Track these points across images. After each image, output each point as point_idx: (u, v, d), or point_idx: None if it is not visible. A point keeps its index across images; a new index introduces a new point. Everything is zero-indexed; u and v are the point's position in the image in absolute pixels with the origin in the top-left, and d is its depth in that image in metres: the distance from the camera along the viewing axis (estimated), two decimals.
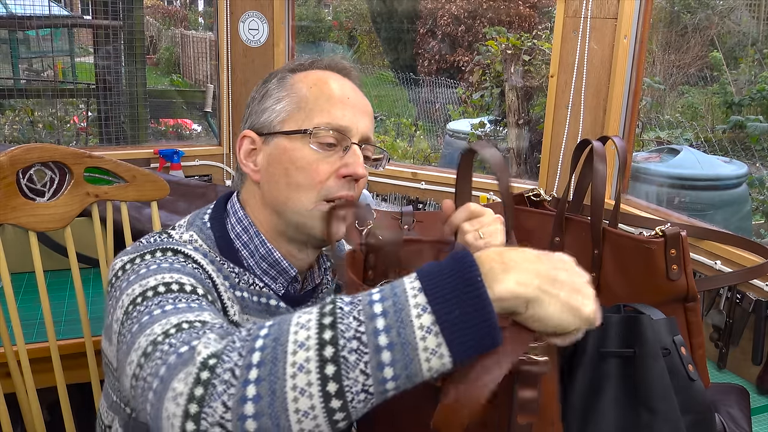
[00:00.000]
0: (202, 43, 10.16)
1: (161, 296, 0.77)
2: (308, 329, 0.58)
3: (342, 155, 0.93)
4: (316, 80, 0.97)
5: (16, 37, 6.49)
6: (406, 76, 9.71)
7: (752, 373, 1.46)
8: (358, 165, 0.93)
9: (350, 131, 0.94)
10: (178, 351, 0.63)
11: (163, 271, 0.82)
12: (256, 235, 0.96)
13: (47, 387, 1.31)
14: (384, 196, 2.19)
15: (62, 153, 1.29)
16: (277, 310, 0.97)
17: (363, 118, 0.96)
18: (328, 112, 0.93)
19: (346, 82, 0.99)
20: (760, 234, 4.33)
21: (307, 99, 0.95)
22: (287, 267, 0.97)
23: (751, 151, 5.65)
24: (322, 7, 12.87)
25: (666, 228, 1.00)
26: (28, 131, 5.13)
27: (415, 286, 0.59)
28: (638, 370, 0.85)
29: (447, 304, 0.57)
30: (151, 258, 0.86)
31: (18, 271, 1.59)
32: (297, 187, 0.92)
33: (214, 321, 0.72)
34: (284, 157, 0.93)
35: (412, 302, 0.58)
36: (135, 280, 0.82)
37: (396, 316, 0.57)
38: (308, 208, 0.92)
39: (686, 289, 1.01)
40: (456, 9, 9.49)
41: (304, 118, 0.94)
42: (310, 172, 0.92)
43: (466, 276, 0.58)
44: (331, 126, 0.93)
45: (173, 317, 0.71)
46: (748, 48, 7.55)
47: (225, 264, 0.94)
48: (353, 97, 0.97)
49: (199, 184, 2.11)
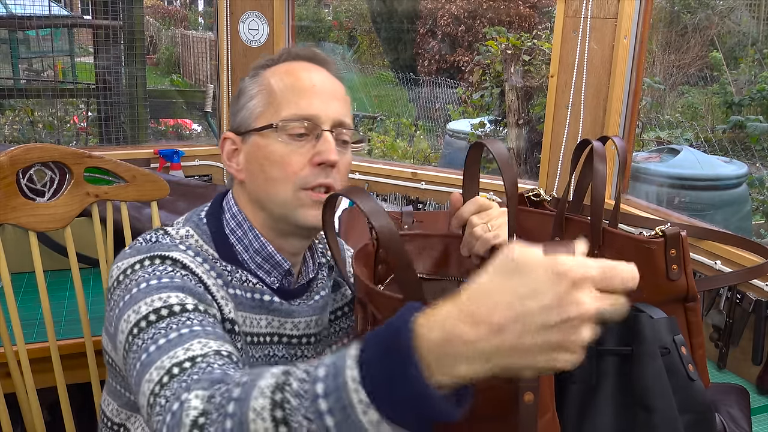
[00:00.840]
0: (202, 43, 10.16)
1: (153, 327, 0.80)
2: (264, 420, 0.59)
3: (315, 143, 0.94)
4: (283, 73, 0.98)
5: (16, 37, 6.49)
6: (406, 76, 9.71)
7: (752, 373, 1.46)
8: (330, 151, 0.93)
9: (319, 118, 0.94)
10: (171, 410, 0.67)
11: (152, 293, 0.84)
12: (250, 230, 0.98)
13: (47, 387, 1.31)
14: (384, 196, 2.19)
15: (62, 153, 1.29)
16: (271, 305, 0.97)
17: (333, 103, 0.97)
18: (294, 103, 0.94)
19: (315, 69, 0.99)
20: (760, 234, 4.33)
21: (275, 93, 0.96)
22: (281, 260, 0.98)
23: (751, 151, 5.66)
24: (322, 7, 12.87)
25: (666, 228, 1.00)
26: (28, 131, 5.13)
27: (356, 378, 0.55)
28: (636, 368, 0.85)
29: (390, 403, 0.54)
30: (144, 269, 0.88)
31: (18, 271, 1.59)
32: (273, 181, 0.94)
33: (202, 350, 0.75)
34: (259, 154, 0.95)
35: (355, 398, 0.54)
36: (129, 303, 0.84)
37: (343, 415, 0.55)
38: (287, 200, 0.94)
39: (686, 289, 1.01)
40: (456, 9, 9.49)
41: (273, 112, 0.95)
42: (283, 165, 0.93)
43: (402, 372, 0.53)
44: (299, 116, 0.94)
45: (166, 359, 0.74)
46: (748, 48, 7.55)
47: (218, 262, 0.95)
48: (320, 84, 0.97)
49: (199, 184, 2.11)
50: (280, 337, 0.99)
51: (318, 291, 1.05)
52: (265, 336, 0.98)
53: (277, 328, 0.99)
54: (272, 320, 0.98)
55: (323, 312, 1.05)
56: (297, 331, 1.01)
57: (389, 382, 0.53)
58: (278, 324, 0.99)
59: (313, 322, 1.03)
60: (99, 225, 1.35)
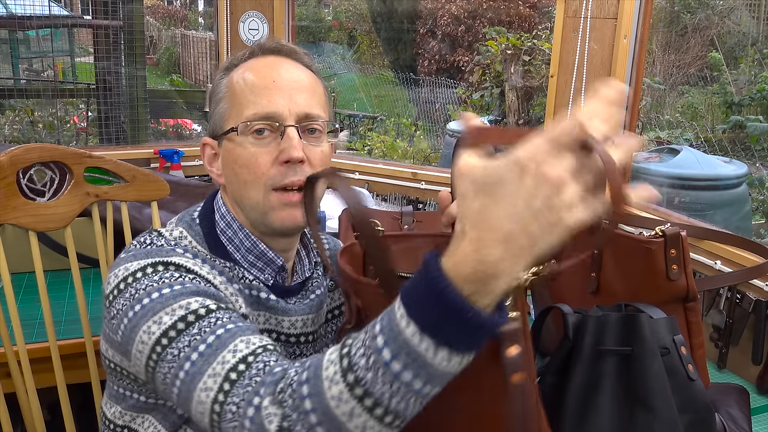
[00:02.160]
0: (202, 43, 10.17)
1: (186, 334, 0.79)
2: (347, 402, 0.63)
3: (280, 141, 0.92)
4: (243, 73, 0.96)
5: (16, 37, 6.50)
6: (406, 76, 9.72)
7: (752, 373, 1.46)
8: (293, 148, 0.91)
9: (280, 115, 0.92)
10: (248, 416, 0.70)
11: (169, 301, 0.82)
12: (240, 229, 0.97)
13: (47, 387, 1.31)
14: (384, 196, 2.19)
15: (62, 153, 1.29)
16: (268, 302, 0.97)
17: (297, 96, 0.94)
18: (253, 103, 0.93)
19: (281, 62, 0.97)
20: (760, 234, 4.34)
21: (237, 94, 0.95)
22: (273, 257, 0.98)
23: (751, 151, 5.66)
24: (322, 7, 12.88)
25: (666, 228, 1.00)
26: (28, 131, 5.13)
27: (409, 323, 0.61)
28: (636, 368, 0.85)
29: (437, 328, 0.59)
30: (149, 278, 0.86)
31: (18, 271, 1.59)
32: (245, 183, 0.93)
33: (249, 348, 0.76)
34: (230, 158, 0.95)
35: (409, 332, 0.60)
36: (145, 314, 0.82)
37: (407, 356, 0.61)
38: (259, 202, 0.93)
39: (686, 289, 1.01)
40: (456, 9, 9.50)
41: (236, 114, 0.94)
42: (251, 167, 0.92)
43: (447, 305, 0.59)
44: (258, 116, 0.92)
45: (217, 365, 0.75)
46: (748, 48, 7.56)
47: (216, 261, 0.95)
48: (280, 78, 0.95)
49: (199, 184, 2.11)
50: (278, 335, 0.99)
51: (313, 290, 1.04)
52: (263, 333, 0.97)
53: (275, 325, 0.99)
54: (269, 317, 0.98)
55: (319, 310, 1.04)
56: (294, 330, 1.01)
57: (440, 325, 0.59)
58: (275, 322, 0.99)
59: (309, 320, 1.02)
60: (99, 225, 1.35)
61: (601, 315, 0.88)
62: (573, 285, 1.11)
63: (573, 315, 0.90)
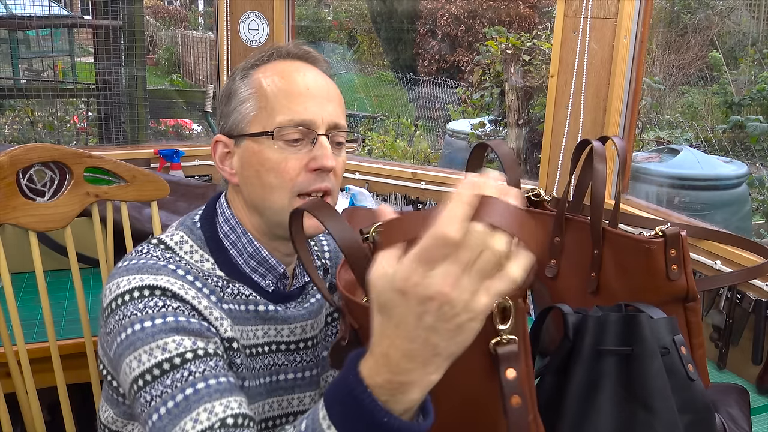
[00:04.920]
0: (202, 43, 10.16)
1: (159, 383, 0.82)
2: None
3: (311, 148, 0.93)
4: (274, 75, 0.95)
5: (16, 37, 6.49)
6: (406, 76, 9.71)
7: (752, 373, 1.46)
8: (326, 157, 0.92)
9: (314, 123, 0.93)
10: None
11: (148, 340, 0.84)
12: (243, 234, 0.97)
13: (47, 387, 1.31)
14: (384, 196, 2.19)
15: (62, 153, 1.29)
16: (267, 315, 0.97)
17: (328, 106, 0.95)
18: (288, 109, 0.92)
19: (308, 69, 0.97)
20: (760, 234, 4.34)
21: (268, 97, 0.94)
22: (275, 264, 0.97)
23: (751, 151, 5.66)
24: (322, 7, 12.87)
25: (666, 228, 1.00)
26: (28, 131, 5.13)
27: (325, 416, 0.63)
28: (635, 368, 0.85)
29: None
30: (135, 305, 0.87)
31: (18, 271, 1.59)
32: (270, 187, 0.93)
33: (210, 421, 0.78)
34: (254, 160, 0.94)
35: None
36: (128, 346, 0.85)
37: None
38: (284, 207, 0.92)
39: (686, 289, 1.01)
40: (456, 9, 9.49)
41: (267, 117, 0.93)
42: (280, 171, 0.92)
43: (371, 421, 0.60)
44: (294, 122, 0.92)
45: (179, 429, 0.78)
46: (748, 48, 7.56)
47: (209, 278, 0.93)
48: (314, 86, 0.95)
49: (199, 184, 2.11)
50: (278, 345, 0.99)
51: (314, 294, 1.04)
52: (263, 346, 0.97)
53: (274, 336, 0.98)
54: (268, 330, 0.98)
55: (318, 315, 1.04)
56: (294, 337, 1.01)
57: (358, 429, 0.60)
58: (275, 333, 0.98)
59: (308, 326, 1.02)
60: (99, 225, 1.35)
61: (601, 315, 0.88)
62: (573, 285, 1.11)
63: (573, 315, 0.90)
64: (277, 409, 1.00)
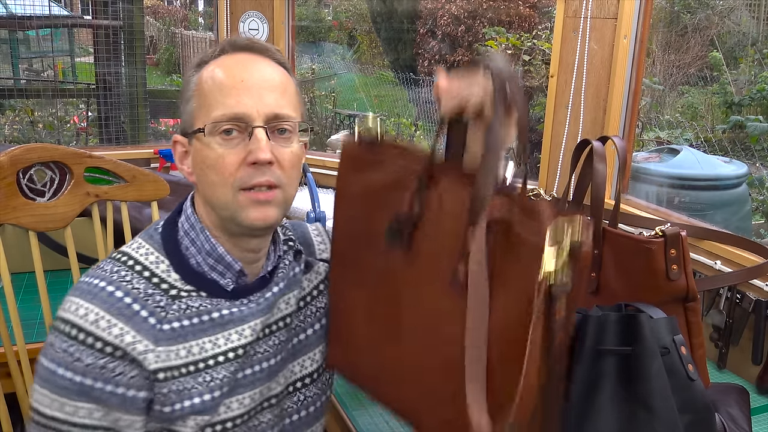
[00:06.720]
0: (202, 43, 10.17)
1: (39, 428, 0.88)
2: None
3: (248, 142, 0.91)
4: (211, 72, 0.94)
5: (16, 37, 6.50)
6: (406, 76, 9.71)
7: (752, 373, 1.46)
8: (260, 150, 0.89)
9: (248, 116, 0.90)
10: None
11: (48, 392, 0.89)
12: (202, 231, 0.96)
13: None
14: None
15: (62, 153, 1.29)
16: (223, 320, 0.95)
17: (266, 96, 0.92)
18: (222, 103, 0.91)
19: (252, 61, 0.95)
20: (760, 234, 4.34)
21: (206, 94, 0.93)
22: (231, 261, 0.96)
23: (751, 151, 5.66)
24: (322, 7, 12.88)
25: (666, 228, 1.01)
26: (28, 131, 5.13)
27: None
28: (635, 368, 0.85)
29: None
30: (54, 337, 0.92)
31: (18, 271, 1.59)
32: (213, 184, 0.92)
33: None
34: (198, 158, 0.93)
35: None
36: (36, 377, 0.92)
37: None
38: (228, 202, 0.91)
39: (686, 289, 1.01)
40: (456, 9, 9.49)
41: (205, 114, 0.92)
42: (218, 168, 0.91)
43: None
44: (226, 117, 0.90)
45: None
46: (748, 48, 7.56)
47: (149, 299, 0.92)
48: (249, 78, 0.92)
49: None
50: (243, 348, 0.96)
51: (277, 282, 1.01)
52: (227, 353, 0.95)
53: (237, 340, 0.96)
54: (230, 335, 0.96)
55: (270, 311, 1.01)
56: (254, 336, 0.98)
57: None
58: (237, 337, 0.96)
59: (258, 325, 0.99)
60: (99, 225, 1.36)
61: (601, 315, 0.88)
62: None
63: None
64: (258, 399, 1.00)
